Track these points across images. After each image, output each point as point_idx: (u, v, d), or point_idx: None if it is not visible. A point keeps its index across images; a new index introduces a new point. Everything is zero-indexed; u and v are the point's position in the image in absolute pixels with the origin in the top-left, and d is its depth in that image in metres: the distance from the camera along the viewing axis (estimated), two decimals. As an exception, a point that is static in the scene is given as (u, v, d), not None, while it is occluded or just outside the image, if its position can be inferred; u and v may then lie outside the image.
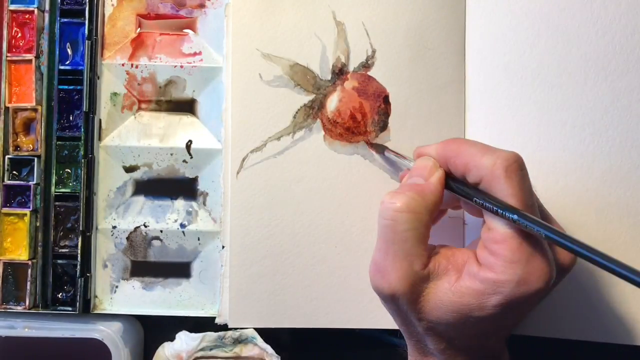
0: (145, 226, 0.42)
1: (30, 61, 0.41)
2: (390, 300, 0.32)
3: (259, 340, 0.40)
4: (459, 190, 0.33)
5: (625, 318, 0.39)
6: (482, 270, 0.31)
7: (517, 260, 0.30)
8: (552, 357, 0.42)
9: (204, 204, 0.42)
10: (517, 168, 0.31)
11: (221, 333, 0.40)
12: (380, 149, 0.40)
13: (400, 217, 0.31)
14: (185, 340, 0.40)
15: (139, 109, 0.42)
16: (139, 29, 0.42)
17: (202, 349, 0.40)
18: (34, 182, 0.41)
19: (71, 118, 0.41)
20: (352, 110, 0.41)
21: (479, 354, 0.33)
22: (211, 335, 0.40)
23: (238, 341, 0.40)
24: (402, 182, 0.35)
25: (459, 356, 0.33)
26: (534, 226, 0.29)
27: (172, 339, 0.41)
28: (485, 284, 0.30)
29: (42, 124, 0.41)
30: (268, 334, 0.40)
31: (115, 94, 0.42)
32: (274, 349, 0.40)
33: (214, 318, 0.41)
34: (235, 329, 0.40)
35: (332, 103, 0.41)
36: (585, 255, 0.28)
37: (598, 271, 0.39)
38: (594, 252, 0.28)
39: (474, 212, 0.35)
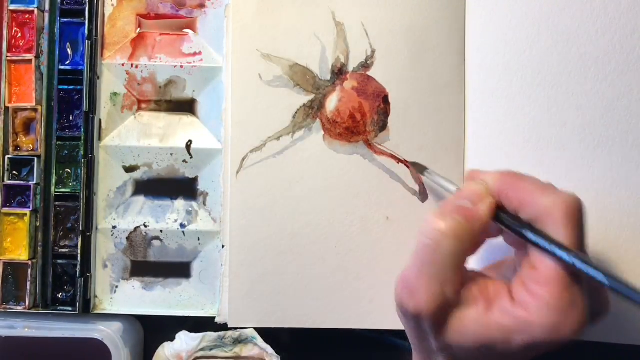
0: (145, 226, 0.42)
1: (30, 61, 0.41)
2: (413, 318, 0.31)
3: (259, 340, 0.40)
4: (508, 222, 0.32)
5: (621, 319, 0.39)
6: (515, 307, 0.30)
7: (556, 307, 0.29)
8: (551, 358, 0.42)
9: (204, 204, 0.42)
10: (579, 215, 0.30)
11: (221, 333, 0.40)
12: (420, 169, 0.39)
13: (444, 241, 0.30)
14: (185, 340, 0.40)
15: (139, 109, 0.42)
16: (139, 29, 0.42)
17: (202, 349, 0.40)
18: (34, 182, 0.41)
19: (71, 118, 0.41)
20: (352, 110, 0.41)
21: None
22: (211, 335, 0.40)
23: (238, 341, 0.40)
24: (449, 201, 0.33)
25: None
26: (596, 272, 0.28)
27: (172, 339, 0.41)
28: (516, 323, 0.29)
29: (42, 124, 0.41)
30: (268, 334, 0.40)
31: (115, 94, 0.42)
32: (273, 349, 0.40)
33: (214, 318, 0.41)
34: (236, 329, 0.40)
35: (332, 103, 0.41)
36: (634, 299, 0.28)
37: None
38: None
39: (514, 243, 0.34)
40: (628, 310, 0.39)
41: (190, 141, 0.42)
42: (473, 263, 0.34)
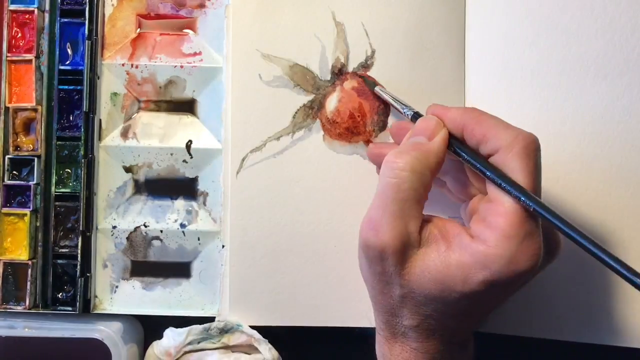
0: (145, 226, 0.42)
1: (30, 61, 0.41)
2: (378, 257, 0.32)
3: (245, 327, 0.40)
4: (465, 153, 0.33)
5: (621, 320, 0.39)
6: (474, 242, 0.30)
7: (513, 235, 0.30)
8: (548, 358, 0.42)
9: (204, 203, 0.42)
10: (535, 149, 0.31)
11: (206, 325, 0.40)
12: (370, 84, 0.40)
13: (404, 176, 0.31)
14: (172, 337, 0.40)
15: (139, 109, 0.42)
16: (139, 29, 0.42)
17: (189, 343, 0.40)
18: (34, 182, 0.41)
19: (71, 118, 0.41)
20: (352, 110, 0.41)
21: (451, 338, 0.33)
22: (196, 328, 0.40)
23: (224, 331, 0.40)
24: (404, 140, 0.35)
25: (430, 338, 0.33)
26: (540, 209, 0.29)
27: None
28: (475, 258, 0.30)
29: (42, 124, 0.41)
30: (268, 333, 0.40)
31: (115, 94, 0.42)
32: (273, 347, 0.40)
33: (214, 318, 0.41)
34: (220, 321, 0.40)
35: (332, 103, 0.41)
36: (584, 245, 0.29)
37: (595, 273, 0.39)
38: (591, 242, 0.29)
39: (461, 188, 0.35)
40: (621, 311, 0.39)
41: (190, 141, 0.42)
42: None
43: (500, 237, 0.30)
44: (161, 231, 0.42)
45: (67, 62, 0.42)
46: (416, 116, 0.36)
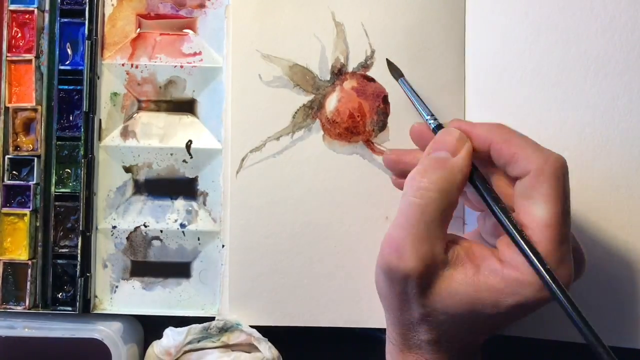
0: (145, 226, 0.42)
1: (30, 61, 0.41)
2: (401, 281, 0.30)
3: (244, 326, 0.40)
4: (485, 192, 0.32)
5: (621, 320, 0.39)
6: (505, 268, 0.30)
7: (547, 264, 0.29)
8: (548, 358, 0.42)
9: (204, 203, 0.42)
10: (565, 172, 0.30)
11: (206, 324, 0.40)
12: (397, 73, 0.39)
13: (431, 197, 0.30)
14: (172, 336, 0.40)
15: (139, 109, 0.42)
16: (139, 29, 0.42)
17: (189, 342, 0.40)
18: (34, 182, 0.41)
19: (71, 118, 0.41)
20: (351, 110, 0.41)
21: (465, 350, 0.33)
22: (196, 328, 0.40)
23: (224, 330, 0.40)
24: (425, 153, 0.33)
25: (444, 351, 0.32)
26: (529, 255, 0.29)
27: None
28: (507, 283, 0.29)
29: (42, 124, 0.41)
30: (267, 332, 0.40)
31: (115, 94, 0.42)
32: (273, 346, 0.40)
33: (214, 318, 0.41)
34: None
35: (331, 103, 0.41)
36: (561, 302, 0.29)
37: (595, 273, 0.39)
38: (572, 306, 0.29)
39: (476, 204, 0.35)
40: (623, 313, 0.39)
41: (190, 141, 0.42)
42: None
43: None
44: (161, 231, 0.42)
45: (67, 62, 0.42)
46: (439, 128, 0.34)
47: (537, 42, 0.40)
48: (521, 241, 0.29)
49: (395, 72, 0.39)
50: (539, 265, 0.29)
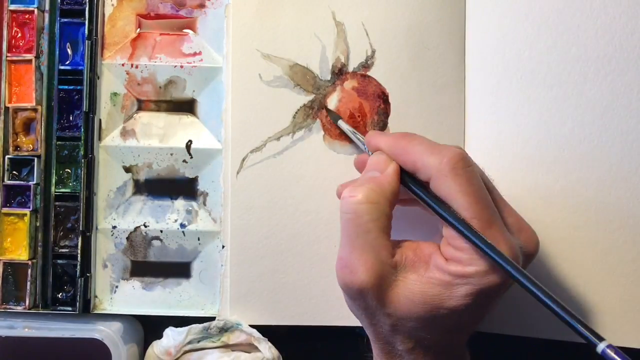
0: (145, 226, 0.42)
1: (30, 61, 0.41)
2: (359, 295, 0.32)
3: (244, 326, 0.40)
4: (413, 189, 0.33)
5: (621, 320, 0.39)
6: (449, 263, 0.31)
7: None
8: (547, 358, 0.42)
9: (204, 204, 0.42)
10: (464, 165, 0.31)
11: (206, 324, 0.40)
12: (334, 117, 0.40)
13: (362, 208, 0.32)
14: (172, 336, 0.40)
15: (139, 109, 0.42)
16: (139, 29, 0.42)
17: (189, 342, 0.40)
18: (34, 182, 0.41)
19: (71, 118, 0.41)
20: (352, 110, 0.41)
21: (447, 353, 0.33)
22: (196, 327, 0.40)
23: (224, 329, 0.40)
24: (360, 176, 0.35)
25: (427, 356, 0.33)
26: (473, 238, 0.30)
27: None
28: (455, 276, 0.31)
29: (42, 124, 0.41)
30: (268, 333, 0.40)
31: (115, 94, 0.42)
32: (273, 346, 0.40)
33: (214, 318, 0.41)
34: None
35: (332, 103, 0.41)
36: (509, 271, 0.29)
37: (595, 273, 0.39)
38: (513, 267, 0.29)
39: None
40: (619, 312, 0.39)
41: (190, 141, 0.42)
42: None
43: (470, 256, 0.31)
44: (161, 231, 0.42)
45: (67, 62, 0.42)
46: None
47: (537, 43, 0.40)
48: (456, 223, 0.31)
49: (333, 117, 0.40)
50: (474, 239, 0.30)
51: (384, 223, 0.32)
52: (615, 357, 0.26)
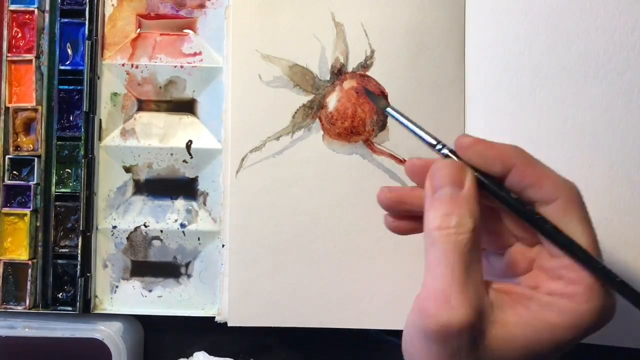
0: (146, 226, 0.42)
1: (30, 61, 0.41)
2: (454, 336, 0.27)
3: None
4: (519, 208, 0.29)
5: (621, 320, 0.39)
6: (556, 299, 0.28)
7: (600, 287, 0.27)
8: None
9: (204, 203, 0.42)
10: (582, 198, 0.29)
11: None
12: (382, 103, 0.34)
13: (464, 238, 0.28)
14: None
15: (139, 109, 0.42)
16: (139, 29, 0.42)
17: None
18: (34, 182, 0.41)
19: (71, 118, 0.41)
20: (351, 110, 0.41)
21: None
22: None
23: None
24: (430, 194, 0.30)
25: None
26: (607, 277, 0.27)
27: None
28: (565, 317, 0.27)
29: (43, 124, 0.41)
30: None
31: (115, 94, 0.42)
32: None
33: (214, 318, 0.41)
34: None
35: (331, 103, 0.41)
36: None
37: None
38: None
39: (493, 237, 0.31)
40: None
41: (190, 141, 0.42)
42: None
43: (587, 290, 0.27)
44: (161, 231, 0.42)
45: (67, 62, 0.42)
46: (454, 154, 0.30)
47: (536, 42, 0.40)
48: (576, 248, 0.28)
49: (378, 102, 0.36)
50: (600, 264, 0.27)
51: (480, 252, 0.28)
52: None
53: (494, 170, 0.29)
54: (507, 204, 0.29)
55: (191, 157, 0.42)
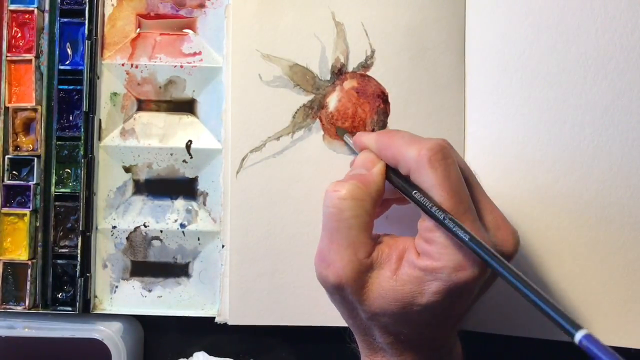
0: (145, 226, 0.42)
1: (30, 61, 0.41)
2: (336, 289, 0.32)
3: None
4: (396, 183, 0.33)
5: (620, 320, 0.39)
6: (420, 258, 0.31)
7: (451, 245, 0.30)
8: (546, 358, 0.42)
9: (204, 204, 0.42)
10: (441, 157, 0.31)
11: None
12: (340, 132, 0.40)
13: (344, 204, 0.32)
14: None
15: (139, 109, 0.42)
16: (138, 29, 0.42)
17: None
18: (34, 182, 0.41)
19: (71, 118, 0.41)
20: (352, 110, 0.41)
21: (430, 346, 0.33)
22: None
23: None
24: (347, 174, 0.35)
25: (408, 350, 0.33)
26: (456, 231, 0.30)
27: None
28: (424, 272, 0.30)
29: (42, 124, 0.41)
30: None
31: (115, 94, 0.42)
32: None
33: (214, 318, 0.41)
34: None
35: (332, 103, 0.41)
36: (494, 267, 0.29)
37: (593, 273, 0.39)
38: (502, 264, 0.29)
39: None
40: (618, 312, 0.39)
41: (190, 141, 0.42)
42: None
43: (440, 250, 0.30)
44: (161, 231, 0.42)
45: (67, 62, 0.42)
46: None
47: (536, 42, 0.40)
48: (433, 212, 0.30)
49: (339, 131, 0.40)
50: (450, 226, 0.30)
51: (365, 220, 0.32)
52: (591, 347, 0.24)
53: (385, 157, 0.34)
54: (395, 185, 0.34)
55: (191, 157, 0.42)
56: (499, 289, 0.34)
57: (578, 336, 0.25)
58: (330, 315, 0.40)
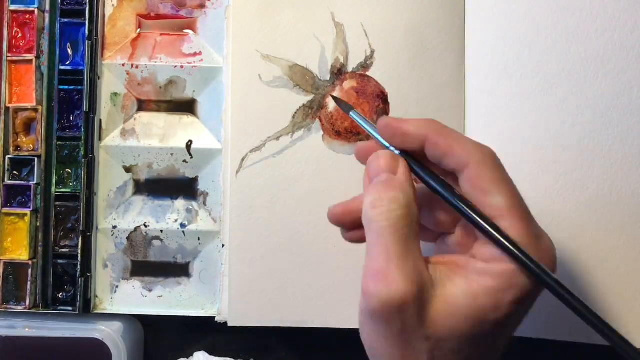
0: (146, 226, 0.42)
1: (30, 61, 0.41)
2: (398, 312, 0.27)
3: None
4: (429, 180, 0.31)
5: (620, 320, 0.39)
6: (491, 265, 0.28)
7: (527, 243, 0.28)
8: (547, 358, 0.42)
9: (204, 203, 0.42)
10: (498, 161, 0.30)
11: None
12: (346, 107, 0.36)
13: (397, 215, 0.29)
14: None
15: (139, 109, 0.42)
16: (139, 29, 0.42)
17: None
18: (35, 182, 0.41)
19: (71, 118, 0.41)
20: (351, 109, 0.41)
21: None
22: None
23: None
24: (368, 184, 0.32)
25: None
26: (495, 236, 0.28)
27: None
28: (499, 279, 0.28)
29: (43, 124, 0.41)
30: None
31: (115, 94, 0.42)
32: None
33: (214, 317, 0.41)
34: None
35: (331, 103, 0.41)
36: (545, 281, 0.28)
37: (593, 273, 0.39)
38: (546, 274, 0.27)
39: (439, 220, 0.32)
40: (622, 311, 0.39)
41: (190, 141, 0.42)
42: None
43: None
44: (161, 231, 0.42)
45: (68, 62, 0.42)
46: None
47: (536, 42, 0.40)
48: (492, 231, 0.28)
49: (344, 107, 0.36)
50: (515, 251, 0.28)
51: (417, 229, 0.29)
52: None
53: (413, 146, 0.31)
54: (432, 188, 0.30)
55: (191, 157, 0.42)
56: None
57: None
58: (329, 317, 0.40)
